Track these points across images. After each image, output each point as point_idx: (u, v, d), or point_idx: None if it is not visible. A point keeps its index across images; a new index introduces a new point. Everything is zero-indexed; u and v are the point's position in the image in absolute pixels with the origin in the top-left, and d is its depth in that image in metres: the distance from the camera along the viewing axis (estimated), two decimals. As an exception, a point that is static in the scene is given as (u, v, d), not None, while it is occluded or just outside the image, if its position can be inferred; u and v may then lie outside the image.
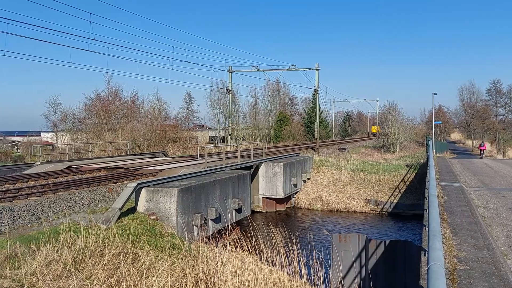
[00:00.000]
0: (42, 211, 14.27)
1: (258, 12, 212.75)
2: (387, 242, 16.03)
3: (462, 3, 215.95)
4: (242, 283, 10.34)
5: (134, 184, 15.13)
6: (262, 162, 27.75)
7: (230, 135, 51.73)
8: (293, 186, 29.24)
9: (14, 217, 13.27)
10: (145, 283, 9.05)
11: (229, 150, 40.24)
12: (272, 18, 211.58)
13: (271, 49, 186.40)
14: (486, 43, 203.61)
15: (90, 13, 24.14)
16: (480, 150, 52.47)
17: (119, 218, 13.89)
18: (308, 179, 32.21)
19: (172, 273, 10.23)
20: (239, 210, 20.10)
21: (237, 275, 10.68)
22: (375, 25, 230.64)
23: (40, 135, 75.65)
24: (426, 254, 5.55)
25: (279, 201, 28.32)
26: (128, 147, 39.53)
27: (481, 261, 7.19)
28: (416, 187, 28.52)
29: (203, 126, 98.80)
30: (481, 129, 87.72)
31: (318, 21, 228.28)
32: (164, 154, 37.40)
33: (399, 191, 29.18)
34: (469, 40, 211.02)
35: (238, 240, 12.94)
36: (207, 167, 21.82)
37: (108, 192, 17.73)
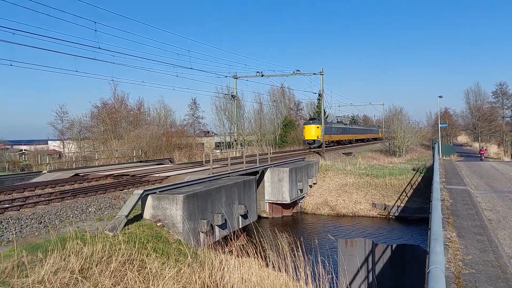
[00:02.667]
0: (49, 219, 14.35)
1: (261, 18, 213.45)
2: (394, 246, 15.98)
3: (467, 5, 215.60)
4: (249, 289, 10.36)
5: (140, 191, 15.19)
6: (268, 167, 27.75)
7: (235, 140, 51.84)
8: (299, 191, 29.22)
9: (21, 225, 13.36)
10: (152, 290, 9.08)
11: (234, 155, 40.30)
12: (276, 24, 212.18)
13: (276, 55, 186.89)
14: (492, 45, 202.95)
15: (95, 22, 24.46)
16: (480, 154, 55.47)
17: (125, 225, 13.94)
18: (314, 183, 32.18)
19: (179, 280, 10.26)
20: (245, 216, 20.11)
21: (244, 281, 10.70)
22: (380, 29, 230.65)
23: (47, 144, 76.03)
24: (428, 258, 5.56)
25: (285, 206, 28.30)
26: (134, 154, 39.67)
27: (487, 265, 7.17)
28: (423, 191, 28.39)
29: (208, 132, 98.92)
30: (488, 131, 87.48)
31: (322, 25, 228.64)
32: (170, 161, 37.50)
33: (406, 195, 29.08)
34: (475, 42, 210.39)
35: (244, 246, 12.95)
36: (213, 173, 21.86)
37: (114, 199, 17.80)
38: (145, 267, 10.71)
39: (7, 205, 15.02)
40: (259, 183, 26.91)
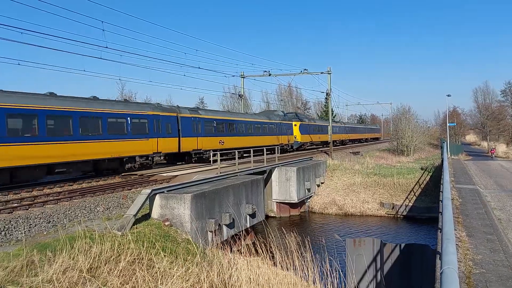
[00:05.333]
0: (57, 218, 14.43)
1: (269, 17, 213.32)
2: (402, 245, 15.92)
3: (476, 3, 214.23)
4: (257, 288, 10.35)
5: (148, 191, 15.22)
6: (275, 167, 27.72)
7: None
8: (306, 190, 29.17)
9: (30, 225, 13.44)
10: (160, 289, 9.09)
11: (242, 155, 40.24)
12: (283, 23, 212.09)
13: (283, 54, 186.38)
14: (501, 44, 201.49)
15: (102, 22, 24.29)
16: (491, 153, 57.78)
17: (134, 224, 13.98)
18: (322, 183, 32.11)
19: (187, 279, 10.26)
20: (253, 215, 20.10)
21: (252, 280, 10.69)
22: (387, 27, 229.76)
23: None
24: (440, 258, 5.52)
25: (293, 205, 28.26)
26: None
27: (497, 264, 7.12)
28: (431, 190, 28.28)
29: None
30: (497, 130, 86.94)
31: (330, 24, 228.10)
32: (178, 160, 37.40)
33: (414, 194, 28.96)
34: (483, 40, 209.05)
35: (252, 245, 12.95)
36: (220, 173, 21.87)
37: (122, 199, 17.86)
38: (154, 266, 10.73)
39: (15, 204, 15.10)
40: (266, 183, 26.88)
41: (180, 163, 30.67)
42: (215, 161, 25.03)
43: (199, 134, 30.69)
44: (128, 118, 23.86)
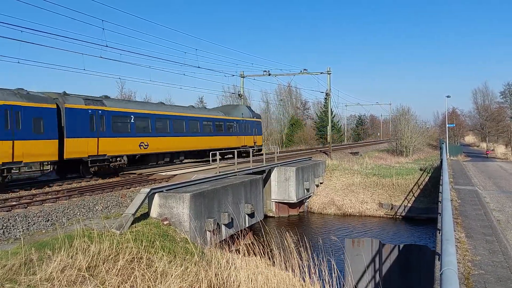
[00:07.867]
0: (56, 217, 14.41)
1: (269, 16, 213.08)
2: (401, 246, 15.91)
3: (475, 4, 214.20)
4: (256, 288, 10.34)
5: (147, 190, 15.21)
6: (275, 167, 27.72)
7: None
8: (305, 190, 29.16)
9: (29, 223, 13.42)
10: (159, 289, 9.08)
11: (241, 154, 40.18)
12: (283, 22, 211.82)
13: (283, 54, 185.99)
14: (500, 45, 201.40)
15: (102, 20, 24.33)
16: (487, 154, 60.56)
17: (132, 223, 13.96)
18: (321, 183, 32.10)
19: (186, 278, 10.25)
20: (251, 215, 20.08)
21: (250, 280, 10.68)
22: (387, 28, 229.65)
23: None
24: (440, 259, 5.51)
25: (291, 205, 28.26)
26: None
27: (496, 265, 7.11)
28: (430, 191, 28.28)
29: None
30: (496, 131, 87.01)
31: (330, 24, 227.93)
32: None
33: (413, 195, 28.95)
34: (483, 41, 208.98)
35: (251, 245, 12.93)
36: (220, 172, 21.85)
37: (121, 197, 17.84)
38: (152, 265, 10.72)
39: (14, 203, 15.08)
40: (265, 182, 26.88)
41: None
42: (214, 160, 24.98)
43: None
44: None
